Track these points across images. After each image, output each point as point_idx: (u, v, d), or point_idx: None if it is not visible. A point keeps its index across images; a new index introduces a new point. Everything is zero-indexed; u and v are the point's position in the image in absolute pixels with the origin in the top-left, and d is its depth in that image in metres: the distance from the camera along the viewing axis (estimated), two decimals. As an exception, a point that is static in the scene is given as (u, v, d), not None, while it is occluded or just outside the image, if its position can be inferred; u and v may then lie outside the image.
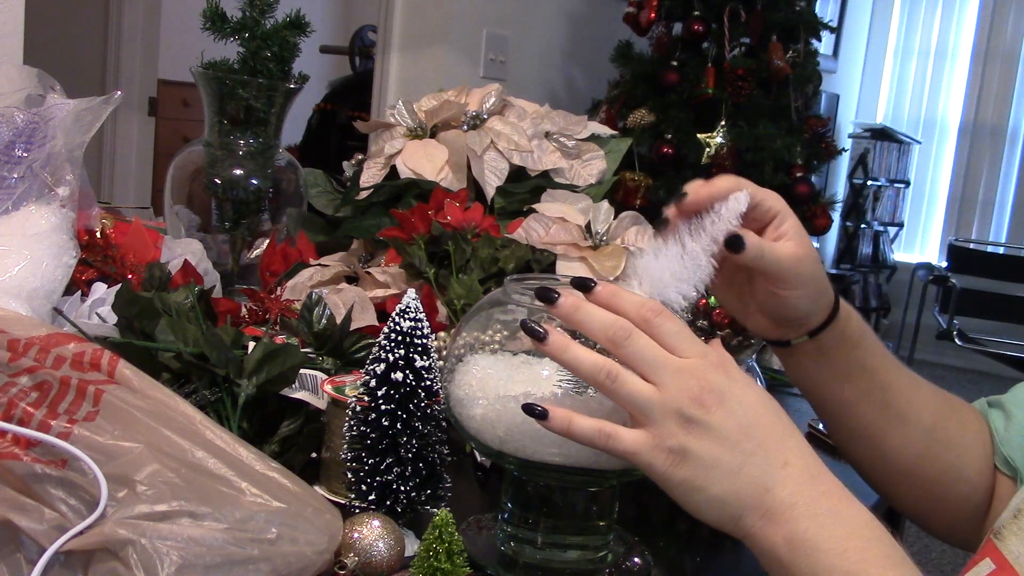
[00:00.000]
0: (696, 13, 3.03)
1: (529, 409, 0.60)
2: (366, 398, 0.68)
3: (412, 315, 0.68)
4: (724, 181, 0.66)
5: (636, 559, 0.73)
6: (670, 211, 0.67)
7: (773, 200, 0.67)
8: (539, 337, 0.59)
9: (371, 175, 1.36)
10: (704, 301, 0.93)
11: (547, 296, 0.60)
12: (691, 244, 0.64)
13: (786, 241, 0.66)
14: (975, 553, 0.67)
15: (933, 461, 0.73)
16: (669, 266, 0.64)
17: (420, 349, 0.67)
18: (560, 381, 0.66)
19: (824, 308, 0.69)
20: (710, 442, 0.57)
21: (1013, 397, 0.76)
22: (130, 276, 1.01)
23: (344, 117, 4.12)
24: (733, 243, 0.64)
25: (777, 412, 0.60)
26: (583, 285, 0.61)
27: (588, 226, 1.21)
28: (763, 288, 0.69)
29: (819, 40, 3.24)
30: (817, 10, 3.41)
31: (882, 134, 5.26)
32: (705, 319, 0.93)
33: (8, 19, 1.40)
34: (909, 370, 0.74)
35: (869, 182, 5.19)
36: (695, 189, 0.66)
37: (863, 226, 5.23)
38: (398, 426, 0.67)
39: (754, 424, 0.58)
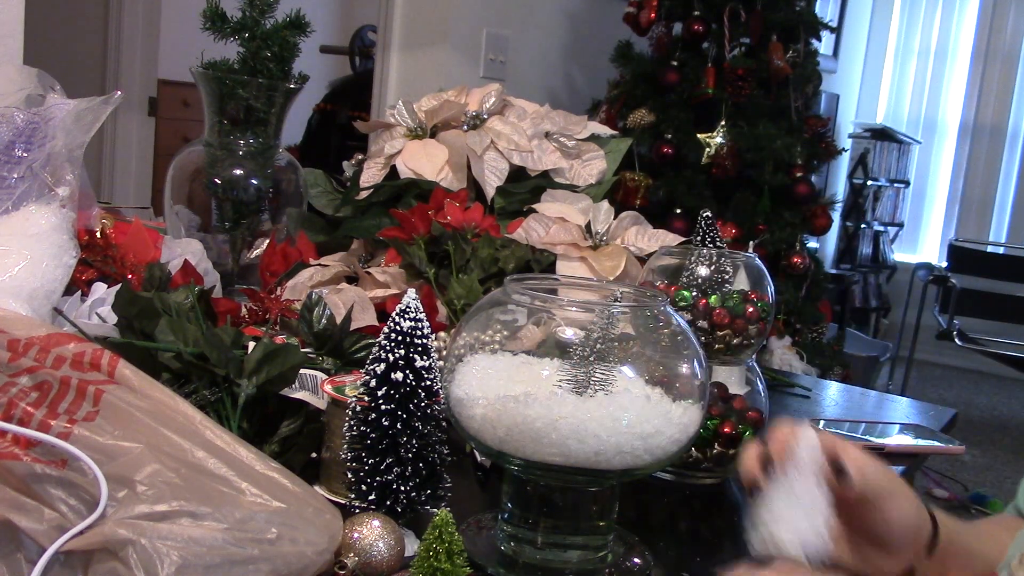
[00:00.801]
0: (696, 13, 3.03)
1: None
2: (366, 398, 0.68)
3: (412, 315, 0.68)
4: (783, 429, 0.66)
5: (636, 559, 0.73)
6: (756, 475, 0.65)
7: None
8: None
9: (371, 175, 1.36)
10: (704, 300, 0.93)
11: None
12: (798, 485, 0.63)
13: (860, 462, 0.65)
14: None
15: None
16: (790, 512, 0.62)
17: (420, 349, 0.67)
18: (560, 381, 0.66)
19: (926, 516, 0.69)
20: None
21: None
22: (130, 276, 1.01)
23: (344, 117, 4.12)
24: (838, 469, 0.64)
25: None
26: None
27: (588, 226, 1.21)
28: (869, 516, 0.68)
29: (819, 40, 3.23)
30: (817, 10, 3.40)
31: (882, 134, 5.26)
32: (705, 319, 0.93)
33: (8, 19, 1.40)
34: (978, 522, 0.75)
35: (869, 182, 5.19)
36: (770, 445, 0.65)
37: (863, 226, 5.23)
38: (398, 426, 0.67)
39: None
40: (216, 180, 1.31)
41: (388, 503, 0.68)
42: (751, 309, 0.93)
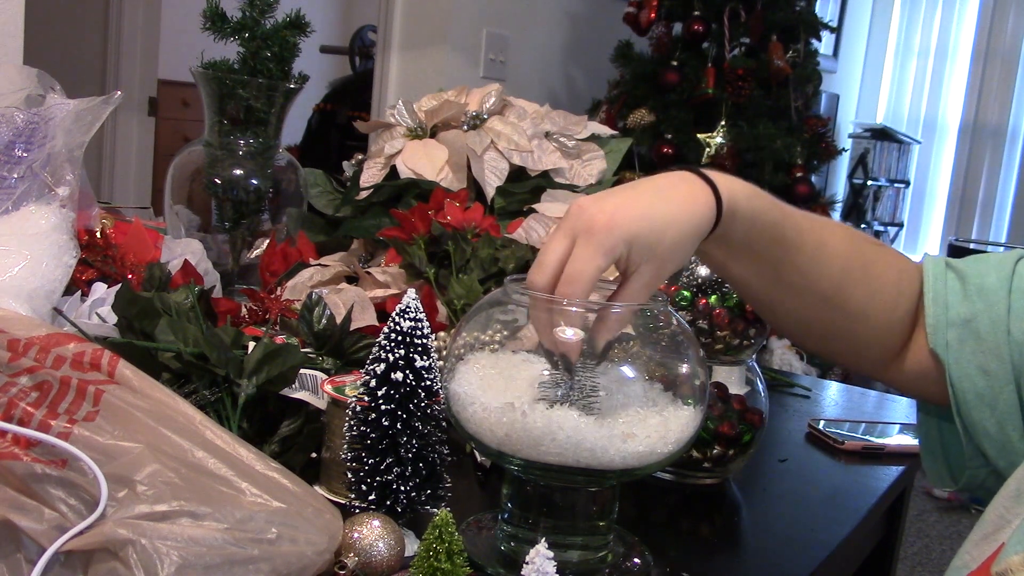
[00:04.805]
0: (696, 13, 3.03)
1: None
2: (366, 398, 0.68)
3: (412, 315, 0.67)
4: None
5: (636, 559, 0.74)
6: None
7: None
8: None
9: (371, 175, 1.36)
10: (704, 300, 0.93)
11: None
12: None
13: (638, 274, 0.67)
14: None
15: (827, 323, 0.78)
16: None
17: (420, 349, 0.67)
18: (558, 384, 0.66)
19: (704, 234, 0.70)
20: None
21: (979, 281, 0.76)
22: (130, 276, 1.01)
23: (344, 117, 4.12)
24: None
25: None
26: None
27: (588, 226, 1.20)
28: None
29: (819, 40, 3.24)
30: (817, 10, 3.41)
31: (882, 134, 5.25)
32: (705, 319, 0.93)
33: (8, 19, 1.40)
34: (821, 239, 0.76)
35: (869, 182, 5.19)
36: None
37: (863, 226, 5.23)
38: (398, 426, 0.67)
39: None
40: (216, 180, 1.31)
41: (388, 503, 0.68)
42: (751, 309, 0.93)
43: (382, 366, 0.67)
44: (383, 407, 0.67)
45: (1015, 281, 0.75)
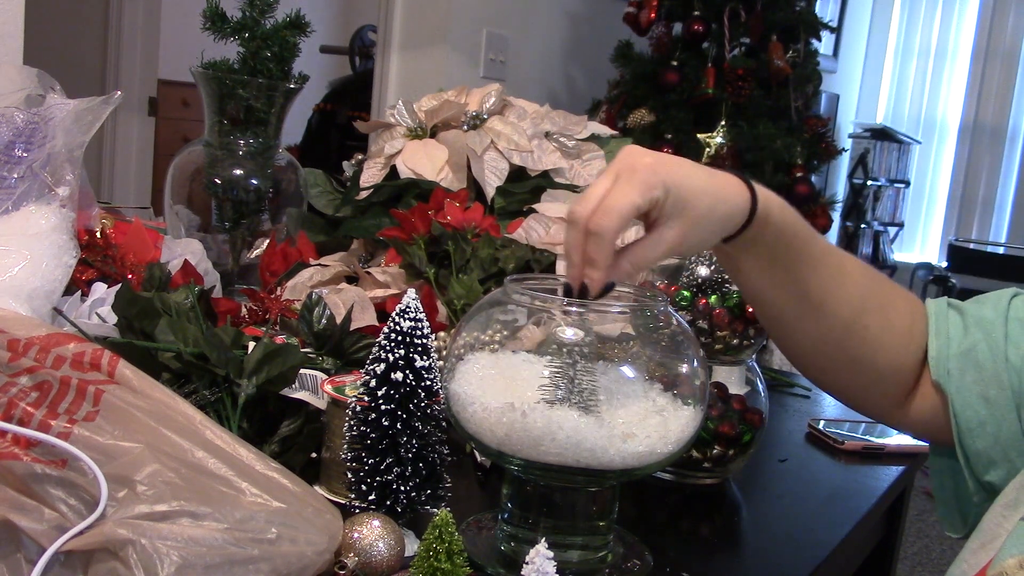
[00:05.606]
0: (696, 13, 3.03)
1: None
2: (366, 398, 0.68)
3: (412, 315, 0.67)
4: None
5: (636, 559, 0.74)
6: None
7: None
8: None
9: (371, 175, 1.36)
10: (704, 300, 0.93)
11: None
12: None
13: (661, 228, 0.68)
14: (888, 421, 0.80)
15: (844, 350, 0.78)
16: None
17: (420, 349, 0.67)
18: (557, 384, 0.66)
19: (732, 226, 0.71)
20: None
21: (977, 313, 0.78)
22: (130, 276, 1.01)
23: (344, 117, 4.12)
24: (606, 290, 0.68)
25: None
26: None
27: (588, 226, 1.20)
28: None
29: (819, 40, 3.23)
30: (817, 10, 3.41)
31: (882, 134, 5.26)
32: (705, 319, 0.93)
33: (8, 19, 1.40)
34: (841, 263, 0.77)
35: (869, 182, 5.19)
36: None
37: (863, 226, 5.23)
38: (398, 426, 0.67)
39: None
40: (216, 180, 1.31)
41: (388, 503, 0.68)
42: (751, 309, 0.93)
43: (382, 366, 0.67)
44: (383, 407, 0.67)
45: (1011, 312, 0.77)
